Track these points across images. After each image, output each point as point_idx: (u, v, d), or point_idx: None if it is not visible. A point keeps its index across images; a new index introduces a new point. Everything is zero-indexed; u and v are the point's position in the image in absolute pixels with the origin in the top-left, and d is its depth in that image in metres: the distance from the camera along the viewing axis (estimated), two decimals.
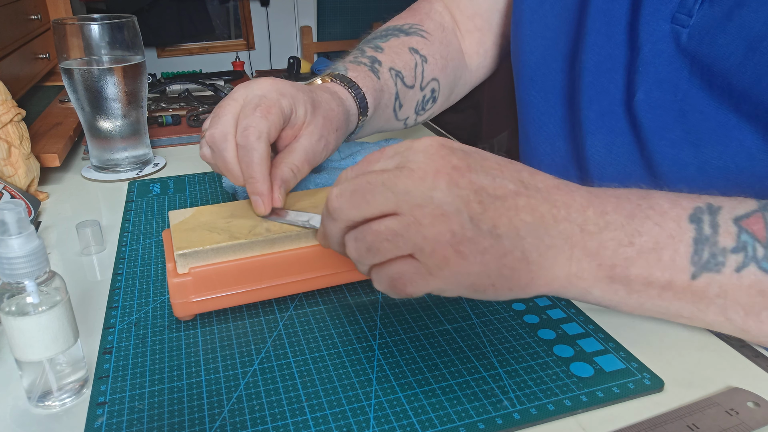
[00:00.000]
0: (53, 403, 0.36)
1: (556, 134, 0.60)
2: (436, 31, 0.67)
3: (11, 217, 0.32)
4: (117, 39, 0.69)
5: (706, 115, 0.46)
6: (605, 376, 0.38)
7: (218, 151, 0.45)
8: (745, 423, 0.34)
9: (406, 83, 0.62)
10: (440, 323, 0.43)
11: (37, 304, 0.34)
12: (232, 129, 0.45)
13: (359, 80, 0.56)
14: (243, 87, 0.47)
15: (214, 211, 0.47)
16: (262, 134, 0.44)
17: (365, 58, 0.61)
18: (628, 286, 0.34)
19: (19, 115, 0.65)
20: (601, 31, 0.52)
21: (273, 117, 0.44)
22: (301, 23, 3.32)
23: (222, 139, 0.45)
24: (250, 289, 0.43)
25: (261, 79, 0.48)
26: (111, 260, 0.53)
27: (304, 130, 0.48)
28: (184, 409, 0.36)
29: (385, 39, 0.64)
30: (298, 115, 0.47)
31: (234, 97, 0.46)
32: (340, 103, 0.53)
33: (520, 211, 0.33)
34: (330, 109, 0.51)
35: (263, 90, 0.46)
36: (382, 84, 0.59)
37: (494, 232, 0.32)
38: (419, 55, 0.64)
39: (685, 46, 0.46)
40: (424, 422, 0.34)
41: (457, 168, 0.33)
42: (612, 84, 0.52)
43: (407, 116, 0.65)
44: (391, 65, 0.61)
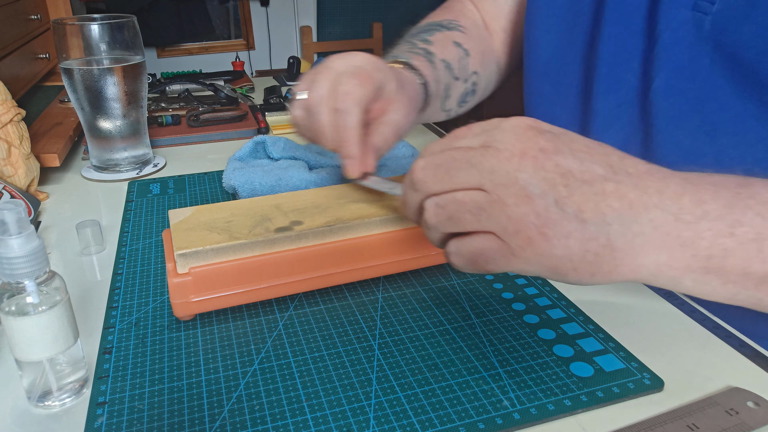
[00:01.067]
0: (53, 403, 0.36)
1: (567, 125, 0.60)
2: (472, 28, 0.69)
3: (11, 217, 0.32)
4: (117, 39, 0.69)
5: (724, 104, 0.46)
6: (605, 375, 0.38)
7: (315, 114, 0.47)
8: (745, 423, 0.34)
9: (454, 75, 0.64)
10: (440, 323, 0.43)
11: (37, 304, 0.34)
12: (327, 95, 0.47)
13: (422, 69, 0.58)
14: (340, 57, 0.49)
15: (214, 210, 0.47)
16: (358, 101, 0.45)
17: (418, 49, 0.62)
18: (723, 277, 0.33)
19: (19, 115, 0.65)
20: (618, 20, 0.52)
21: (368, 87, 0.46)
22: (301, 23, 3.32)
23: (319, 102, 0.47)
24: (250, 289, 0.43)
25: (356, 53, 0.50)
26: (111, 260, 0.53)
27: (392, 105, 0.49)
28: (184, 409, 0.36)
29: (430, 33, 0.65)
30: (389, 89, 0.49)
31: (330, 66, 0.49)
32: (415, 86, 0.56)
33: (607, 196, 0.32)
34: (413, 89, 0.54)
35: (360, 62, 0.48)
36: (438, 74, 0.61)
37: (580, 217, 0.31)
38: (462, 49, 0.65)
39: (708, 33, 0.46)
40: (424, 422, 0.34)
41: (544, 150, 0.32)
42: (630, 73, 0.52)
43: (451, 108, 0.66)
44: (443, 57, 0.63)
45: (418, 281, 0.48)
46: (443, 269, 0.50)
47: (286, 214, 0.46)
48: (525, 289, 0.47)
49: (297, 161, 0.66)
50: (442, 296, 0.46)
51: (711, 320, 0.44)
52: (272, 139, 0.68)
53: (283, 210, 0.47)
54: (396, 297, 0.46)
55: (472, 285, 0.47)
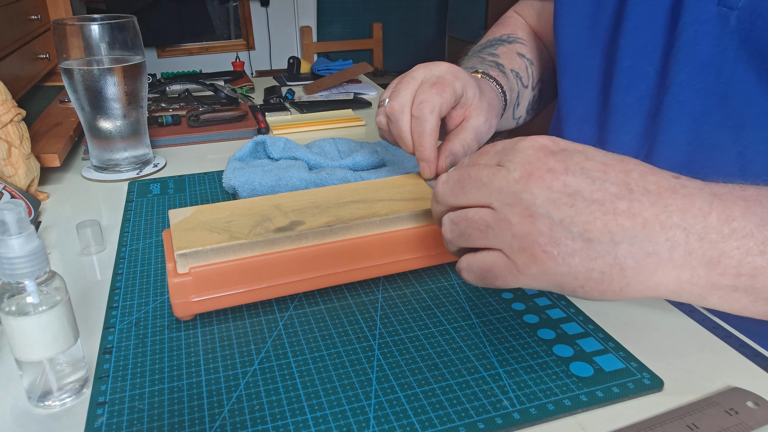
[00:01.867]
0: (53, 403, 0.36)
1: (585, 118, 0.61)
2: (529, 39, 0.73)
3: (11, 217, 0.32)
4: (117, 39, 0.69)
5: (750, 99, 0.46)
6: (605, 375, 0.38)
7: (395, 121, 0.51)
8: (745, 423, 0.34)
9: (523, 83, 0.68)
10: (440, 323, 0.43)
11: (37, 304, 0.34)
12: (409, 102, 0.50)
13: (499, 78, 0.62)
14: (423, 67, 0.53)
15: (214, 210, 0.47)
16: (435, 108, 0.49)
17: (489, 62, 0.65)
18: (753, 294, 0.32)
19: (19, 115, 0.65)
20: (642, 15, 0.53)
21: (446, 95, 0.49)
22: (301, 23, 3.32)
23: (400, 110, 0.50)
24: (250, 289, 0.43)
25: (439, 63, 0.53)
26: (111, 260, 0.53)
27: (473, 112, 0.53)
28: (184, 409, 0.36)
29: (495, 47, 0.69)
30: (468, 96, 0.52)
31: (414, 76, 0.52)
32: (496, 95, 0.59)
33: (618, 215, 0.32)
34: (492, 97, 0.57)
35: (441, 71, 0.51)
36: (511, 84, 0.65)
37: (585, 236, 0.32)
38: (526, 59, 0.69)
39: (734, 28, 0.46)
40: (423, 422, 0.34)
41: (552, 170, 0.33)
42: (651, 68, 0.53)
43: (521, 115, 0.69)
44: (512, 67, 0.67)
45: (418, 281, 0.48)
46: (443, 269, 0.50)
47: (286, 214, 0.46)
48: (525, 290, 0.47)
49: (297, 161, 0.66)
50: (442, 296, 0.46)
51: (711, 320, 0.44)
52: (272, 139, 0.68)
53: (283, 210, 0.47)
54: (396, 297, 0.46)
55: (472, 285, 0.47)
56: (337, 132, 0.89)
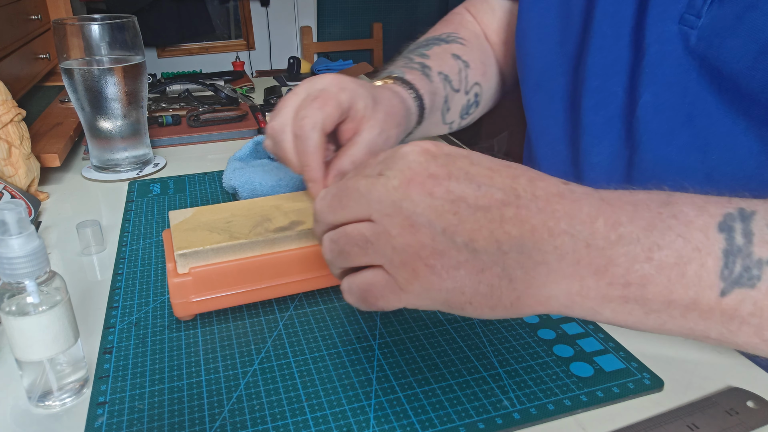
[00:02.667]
0: (53, 403, 0.36)
1: (557, 138, 0.60)
2: (472, 39, 0.69)
3: (11, 217, 0.32)
4: (117, 39, 0.69)
5: (714, 119, 0.45)
6: (605, 375, 0.38)
7: (277, 142, 0.48)
8: (745, 423, 0.34)
9: (453, 87, 0.64)
10: (440, 323, 0.43)
11: (38, 304, 0.34)
12: (290, 120, 0.47)
13: (416, 82, 0.58)
14: (306, 82, 0.49)
15: (215, 211, 0.47)
16: (316, 124, 0.45)
17: (415, 64, 0.62)
18: (646, 305, 0.30)
19: (19, 115, 0.65)
20: (607, 33, 0.52)
21: (329, 109, 0.46)
22: (301, 23, 3.32)
23: (281, 130, 0.47)
24: (250, 289, 0.43)
25: (325, 75, 0.49)
26: (111, 260, 0.53)
27: (365, 124, 0.49)
28: (184, 409, 0.36)
29: (427, 47, 0.66)
30: (358, 108, 0.48)
31: (296, 92, 0.49)
32: (401, 101, 0.55)
33: (505, 222, 0.30)
34: (392, 105, 0.53)
35: (324, 84, 0.48)
36: (434, 87, 0.61)
37: (470, 246, 0.30)
38: (461, 61, 0.65)
39: (694, 47, 0.46)
40: (424, 422, 0.34)
41: (433, 176, 0.30)
42: (620, 87, 0.52)
43: (453, 120, 0.66)
44: (440, 69, 0.63)
45: None
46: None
47: (286, 214, 0.46)
48: None
49: None
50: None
51: None
52: None
53: (283, 210, 0.47)
54: None
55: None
56: None
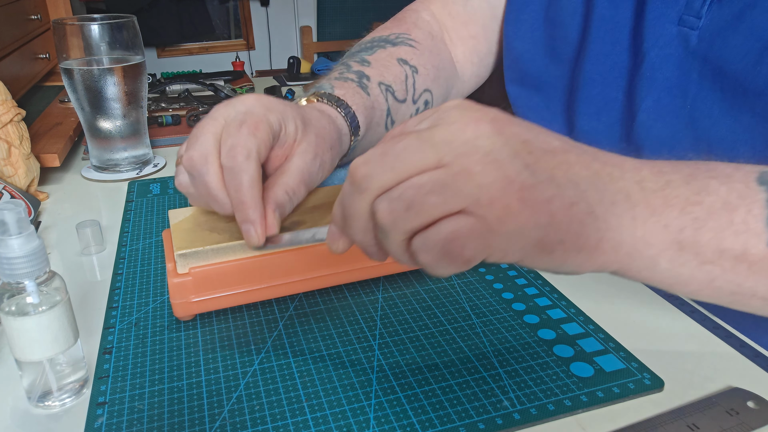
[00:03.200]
0: (53, 403, 0.36)
1: None
2: (424, 40, 0.63)
3: (11, 217, 0.32)
4: (117, 39, 0.69)
5: (715, 120, 0.45)
6: (605, 376, 0.38)
7: (198, 176, 0.40)
8: (746, 423, 0.34)
9: (397, 98, 0.58)
10: (440, 323, 0.43)
11: (37, 304, 0.34)
12: (213, 149, 0.40)
13: (348, 98, 0.52)
14: (223, 105, 0.42)
15: (215, 211, 0.47)
16: (251, 153, 0.38)
17: (352, 73, 0.56)
18: (700, 254, 0.30)
19: (19, 115, 0.65)
20: (605, 38, 0.51)
21: (262, 134, 0.39)
22: (301, 23, 3.32)
23: (202, 161, 0.39)
24: (250, 289, 0.43)
25: (243, 96, 0.43)
26: (111, 260, 0.53)
27: (296, 149, 0.43)
28: (184, 409, 0.36)
29: (371, 51, 0.60)
30: (289, 132, 0.42)
31: (214, 116, 0.41)
32: (331, 121, 0.49)
33: (572, 165, 0.29)
34: (321, 127, 0.46)
35: (247, 106, 0.41)
36: (372, 101, 0.55)
37: (555, 181, 0.28)
38: (409, 66, 0.60)
39: (695, 48, 0.46)
40: (424, 422, 0.34)
41: (497, 119, 0.29)
42: (620, 92, 0.51)
43: None
44: (380, 80, 0.56)
45: (418, 281, 0.48)
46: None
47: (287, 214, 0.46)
48: (525, 289, 0.47)
49: None
50: (442, 296, 0.46)
51: (711, 320, 0.44)
52: None
53: None
54: (396, 297, 0.46)
55: (472, 285, 0.47)
56: None
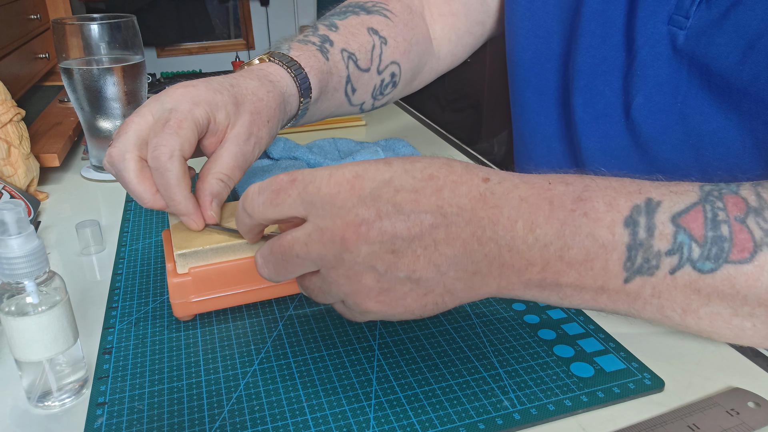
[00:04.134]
0: (53, 403, 0.36)
1: (551, 135, 0.59)
2: (401, 13, 0.63)
3: (11, 217, 0.32)
4: (116, 39, 0.68)
5: (706, 116, 0.46)
6: (606, 376, 0.38)
7: (117, 172, 0.42)
8: (746, 423, 0.34)
9: (359, 66, 0.58)
10: (440, 323, 0.43)
11: (37, 304, 0.34)
12: (131, 147, 0.42)
13: (302, 59, 0.52)
14: (153, 100, 0.43)
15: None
16: (174, 152, 0.40)
17: (316, 37, 0.56)
18: (561, 292, 0.34)
19: (18, 115, 0.65)
20: (596, 32, 0.51)
21: (185, 131, 0.41)
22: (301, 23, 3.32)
23: (120, 158, 0.42)
24: (250, 289, 0.43)
25: (172, 89, 0.44)
26: (111, 260, 0.53)
27: (229, 134, 0.45)
28: (184, 409, 0.36)
29: (342, 16, 0.60)
30: (219, 121, 0.44)
31: (140, 113, 0.43)
32: (271, 88, 0.49)
33: (438, 245, 0.32)
34: (257, 100, 0.47)
35: (174, 101, 0.42)
36: (330, 66, 0.55)
37: (412, 277, 0.32)
38: (379, 37, 0.59)
39: (682, 47, 0.46)
40: (424, 422, 0.34)
41: (365, 222, 0.32)
42: (608, 87, 0.52)
43: (363, 101, 0.61)
44: (344, 46, 0.56)
45: None
46: None
47: None
48: None
49: (297, 161, 0.66)
50: None
51: None
52: None
53: None
54: None
55: None
56: (337, 132, 0.89)
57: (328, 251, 0.33)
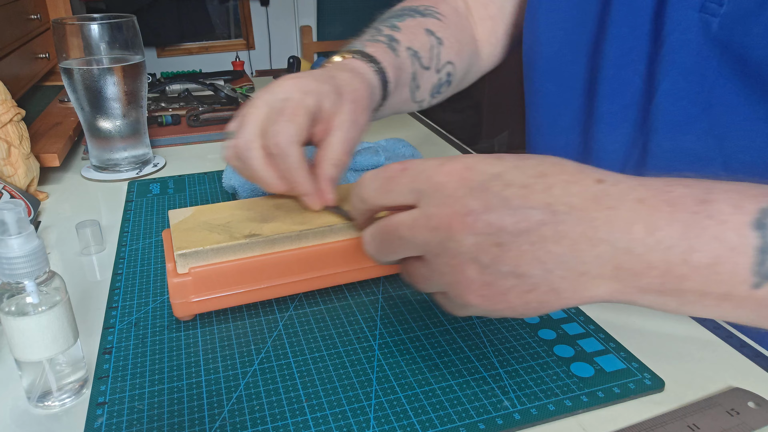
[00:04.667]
0: (53, 403, 0.36)
1: (569, 127, 0.60)
2: (450, 15, 0.66)
3: (11, 217, 0.32)
4: (117, 39, 0.68)
5: (733, 107, 0.46)
6: (606, 376, 0.38)
7: (245, 160, 0.45)
8: (746, 423, 0.34)
9: (423, 64, 0.61)
10: (440, 323, 0.43)
11: (37, 304, 0.34)
12: (254, 136, 0.44)
13: (378, 55, 0.55)
14: (265, 92, 0.46)
15: (214, 210, 0.47)
16: (292, 138, 0.43)
17: (382, 36, 0.59)
18: (681, 298, 0.32)
19: (18, 114, 0.65)
20: (625, 21, 0.52)
21: (300, 119, 0.44)
22: (301, 23, 3.32)
23: (246, 148, 0.44)
24: (250, 289, 0.43)
25: (282, 81, 0.47)
26: (111, 260, 0.53)
27: (335, 121, 0.47)
28: (184, 409, 0.36)
29: (401, 18, 0.62)
30: (325, 109, 0.46)
31: (255, 104, 0.46)
32: (362, 79, 0.52)
33: (546, 241, 0.31)
34: (355, 90, 0.50)
35: (285, 92, 0.45)
36: (400, 61, 0.58)
37: (516, 272, 0.31)
38: (435, 37, 0.62)
39: (716, 35, 0.46)
40: (424, 422, 0.34)
41: (472, 212, 0.32)
42: (636, 75, 0.52)
43: (423, 98, 0.64)
44: (409, 44, 0.60)
45: None
46: None
47: (287, 214, 0.46)
48: None
49: None
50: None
51: (711, 320, 0.44)
52: None
53: (284, 210, 0.47)
54: (396, 297, 0.46)
55: None
56: None
57: (432, 237, 0.33)
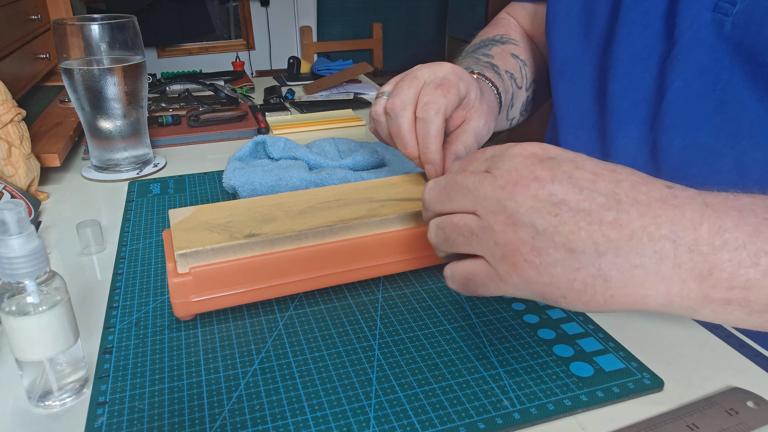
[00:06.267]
0: (53, 403, 0.36)
1: (582, 123, 0.61)
2: (522, 40, 0.72)
3: (11, 217, 0.32)
4: (117, 39, 0.69)
5: (746, 105, 0.46)
6: (605, 375, 0.38)
7: (394, 118, 0.49)
8: (745, 423, 0.34)
9: (517, 84, 0.67)
10: (440, 323, 0.43)
11: (38, 304, 0.34)
12: (411, 101, 0.48)
13: (494, 80, 0.61)
14: (426, 67, 0.51)
15: (214, 210, 0.47)
16: (440, 110, 0.47)
17: (484, 63, 0.64)
18: (748, 307, 0.31)
19: (19, 115, 0.65)
20: (636, 20, 0.53)
21: (451, 96, 0.48)
22: (301, 23, 3.32)
23: (401, 107, 0.48)
24: (250, 289, 0.43)
25: (442, 63, 0.51)
26: (111, 260, 0.53)
27: (473, 113, 0.52)
28: (184, 409, 0.36)
29: (489, 48, 0.69)
30: (471, 98, 0.51)
31: (416, 75, 0.50)
32: (494, 95, 0.58)
33: (603, 225, 0.31)
34: (491, 99, 0.56)
35: (444, 72, 0.50)
36: (505, 85, 0.64)
37: (568, 246, 0.31)
38: (520, 60, 0.69)
39: (729, 34, 0.46)
40: (424, 422, 0.34)
41: (538, 179, 0.32)
42: (647, 73, 0.53)
43: (514, 116, 0.69)
44: (506, 68, 0.66)
45: (418, 281, 0.48)
46: (443, 269, 0.50)
47: (287, 214, 0.46)
48: None
49: (297, 161, 0.66)
50: (442, 296, 0.46)
51: None
52: (272, 139, 0.68)
53: (284, 210, 0.47)
54: (396, 297, 0.46)
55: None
56: (337, 132, 0.89)
57: (495, 194, 0.33)
